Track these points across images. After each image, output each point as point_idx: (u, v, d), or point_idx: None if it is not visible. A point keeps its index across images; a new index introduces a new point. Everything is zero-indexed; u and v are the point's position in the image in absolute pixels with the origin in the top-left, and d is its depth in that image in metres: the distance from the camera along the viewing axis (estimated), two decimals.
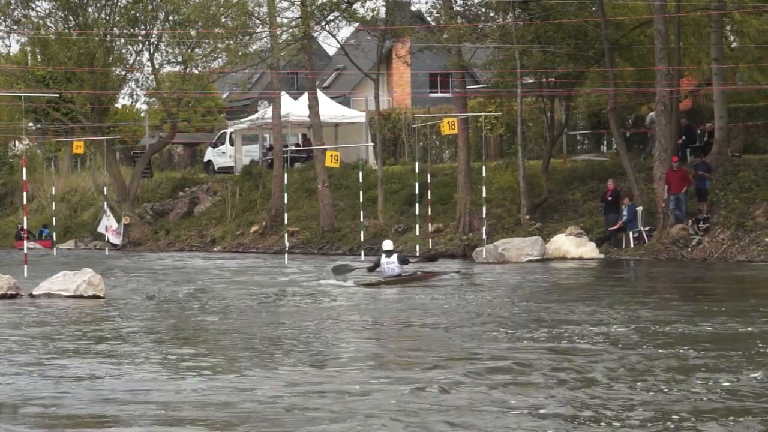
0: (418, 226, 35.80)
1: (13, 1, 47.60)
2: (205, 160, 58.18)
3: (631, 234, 33.30)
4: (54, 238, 47.44)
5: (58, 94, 45.96)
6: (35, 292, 23.06)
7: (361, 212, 36.85)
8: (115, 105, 57.71)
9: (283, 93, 49.01)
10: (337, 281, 25.82)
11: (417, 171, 36.74)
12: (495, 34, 38.73)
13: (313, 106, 43.33)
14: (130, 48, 49.01)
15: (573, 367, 12.79)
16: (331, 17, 43.49)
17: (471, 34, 38.80)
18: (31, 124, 54.84)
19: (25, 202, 31.03)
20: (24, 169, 30.47)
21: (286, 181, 37.17)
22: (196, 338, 16.66)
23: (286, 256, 35.50)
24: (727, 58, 36.76)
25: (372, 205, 40.33)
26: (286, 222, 37.23)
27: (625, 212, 33.52)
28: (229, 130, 56.10)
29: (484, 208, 33.69)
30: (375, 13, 43.27)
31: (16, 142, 64.61)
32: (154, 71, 48.75)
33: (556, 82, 38.71)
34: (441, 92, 63.08)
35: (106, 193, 47.94)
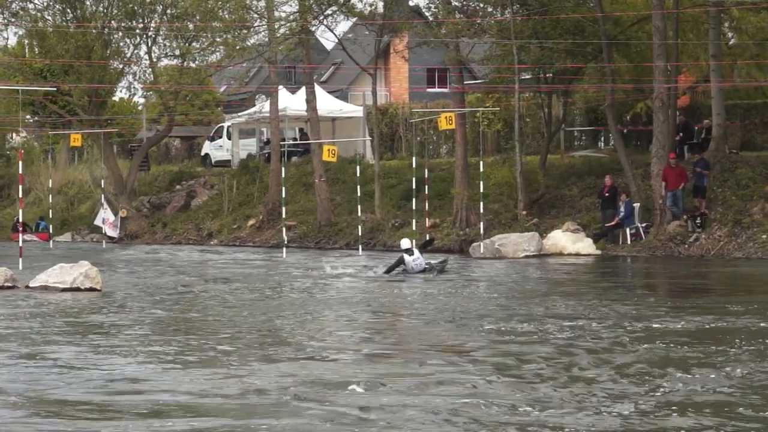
0: (415, 221, 35.79)
1: None
2: (203, 154, 58.20)
3: (628, 230, 33.31)
4: (51, 231, 47.41)
5: (55, 87, 45.89)
6: (32, 285, 23.05)
7: (358, 207, 36.84)
8: (113, 98, 57.64)
9: (281, 87, 49.00)
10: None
11: (414, 166, 36.73)
12: (493, 29, 38.76)
13: (311, 101, 43.29)
14: (128, 41, 48.95)
15: (555, 361, 12.83)
16: (329, 11, 43.49)
17: (469, 29, 38.83)
18: (28, 116, 54.75)
19: (22, 195, 31.01)
20: (20, 162, 30.44)
21: (283, 175, 37.16)
22: (192, 330, 16.65)
23: (284, 250, 35.49)
24: (725, 55, 36.79)
25: (369, 199, 40.32)
26: (284, 216, 37.23)
27: (623, 208, 33.54)
28: (226, 124, 56.11)
29: (482, 204, 33.69)
30: (373, 7, 43.32)
31: (13, 135, 64.58)
32: (151, 64, 48.71)
33: (554, 77, 38.73)
34: (438, 87, 63.14)
35: (103, 186, 47.91)
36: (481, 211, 33.70)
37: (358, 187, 37.11)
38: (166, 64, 49.86)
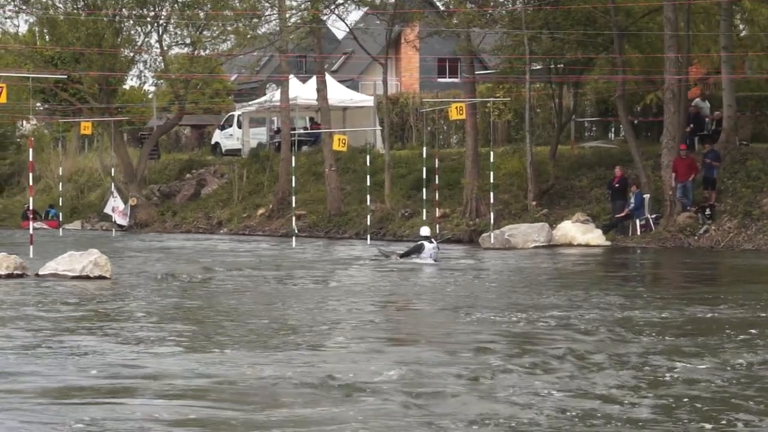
0: (425, 211, 35.78)
1: None
2: (213, 143, 58.22)
3: (638, 221, 33.27)
4: (60, 219, 47.50)
5: (66, 75, 45.93)
6: (41, 272, 23.09)
7: (368, 196, 36.81)
8: (123, 86, 57.71)
9: (292, 76, 48.98)
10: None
11: (424, 156, 36.71)
12: (504, 19, 38.71)
13: (321, 90, 43.28)
14: (139, 29, 49.00)
15: (555, 352, 12.85)
16: (340, 1, 43.48)
17: (480, 19, 38.76)
18: (38, 104, 54.83)
19: (32, 183, 31.05)
20: (31, 150, 30.46)
21: (293, 165, 37.16)
22: (200, 318, 16.68)
23: (294, 239, 35.51)
24: (737, 47, 36.67)
25: (379, 189, 40.31)
26: (294, 205, 37.25)
27: (633, 199, 33.49)
28: (236, 113, 56.14)
29: (492, 194, 33.65)
30: None
31: (24, 122, 64.65)
32: (162, 53, 48.75)
33: (565, 68, 38.68)
34: (449, 77, 63.06)
35: (113, 174, 47.96)
36: (491, 202, 33.67)
37: (368, 176, 37.06)
38: (177, 52, 49.94)
